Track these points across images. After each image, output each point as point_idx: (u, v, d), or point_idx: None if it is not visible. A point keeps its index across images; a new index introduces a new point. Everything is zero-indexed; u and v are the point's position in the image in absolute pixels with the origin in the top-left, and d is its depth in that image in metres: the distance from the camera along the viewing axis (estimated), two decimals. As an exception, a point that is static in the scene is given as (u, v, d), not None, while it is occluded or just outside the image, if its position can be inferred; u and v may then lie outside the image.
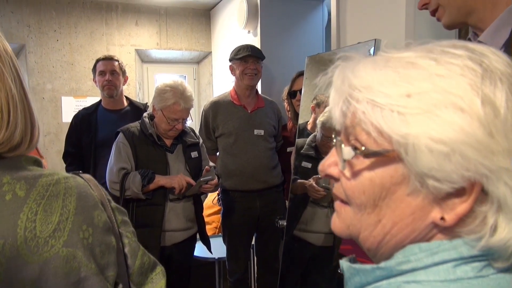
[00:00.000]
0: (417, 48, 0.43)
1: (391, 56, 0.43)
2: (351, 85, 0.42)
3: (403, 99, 0.39)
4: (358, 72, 0.42)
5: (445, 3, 0.99)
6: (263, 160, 2.45)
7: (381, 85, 0.40)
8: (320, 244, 2.22)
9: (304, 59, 3.03)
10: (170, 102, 1.95)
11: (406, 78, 0.40)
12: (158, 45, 4.12)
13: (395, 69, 0.41)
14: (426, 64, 0.40)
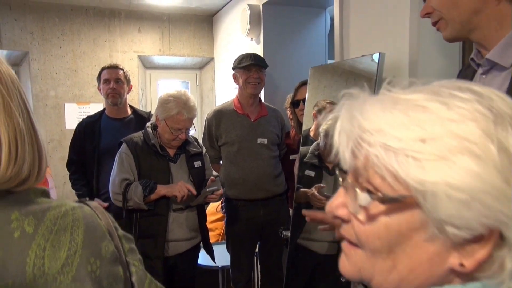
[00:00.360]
0: (423, 89, 0.43)
1: (397, 96, 0.43)
2: (361, 127, 0.41)
3: (417, 144, 0.39)
4: (366, 113, 0.42)
5: (447, 17, 0.98)
6: (266, 169, 2.45)
7: (393, 129, 0.40)
8: (324, 252, 2.21)
9: (307, 67, 3.02)
10: (173, 112, 1.95)
11: (418, 122, 0.39)
12: (160, 51, 4.13)
13: (405, 112, 0.40)
14: (436, 108, 0.40)
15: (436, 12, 1.00)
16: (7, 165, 0.51)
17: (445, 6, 0.98)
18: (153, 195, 1.91)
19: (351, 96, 0.46)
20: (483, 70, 1.00)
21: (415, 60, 1.43)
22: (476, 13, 0.95)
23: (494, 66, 0.96)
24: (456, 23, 0.98)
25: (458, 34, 1.01)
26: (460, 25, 0.98)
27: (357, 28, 1.83)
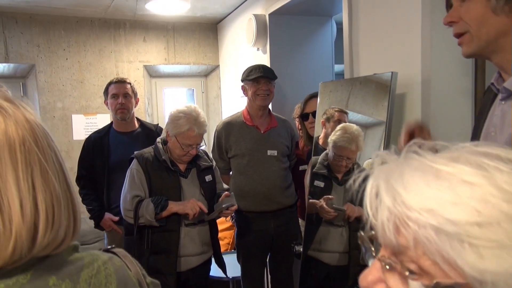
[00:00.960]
0: (461, 158, 0.41)
1: (437, 168, 0.41)
2: (406, 205, 0.40)
3: (473, 228, 0.37)
4: (409, 187, 0.40)
5: (475, 33, 0.96)
6: (276, 181, 2.44)
7: (444, 209, 0.38)
8: (334, 263, 2.20)
9: (314, 75, 3.03)
10: (184, 128, 1.95)
11: (470, 202, 0.38)
12: (166, 61, 4.14)
13: (452, 189, 0.39)
14: (484, 186, 0.38)
15: (463, 24, 0.98)
16: (44, 232, 0.51)
17: (475, 21, 0.96)
18: (165, 212, 1.92)
19: (383, 159, 0.45)
20: (502, 97, 1.00)
21: (427, 78, 1.42)
22: (504, 35, 0.94)
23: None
24: (482, 40, 0.96)
25: (481, 52, 1.00)
26: (485, 43, 0.97)
27: (368, 45, 1.82)
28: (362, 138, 1.98)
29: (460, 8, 0.98)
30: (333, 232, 2.19)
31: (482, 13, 0.94)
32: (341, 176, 2.12)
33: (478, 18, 0.95)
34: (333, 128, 2.11)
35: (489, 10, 0.94)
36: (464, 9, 0.97)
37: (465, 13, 0.97)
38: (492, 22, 0.94)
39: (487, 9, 0.94)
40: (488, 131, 1.03)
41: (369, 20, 1.79)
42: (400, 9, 1.56)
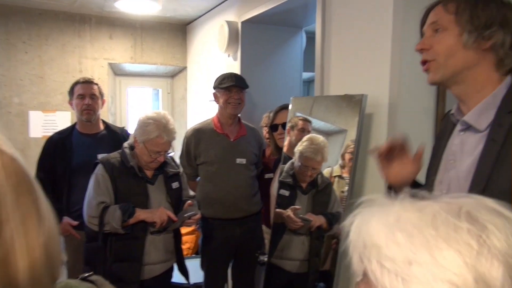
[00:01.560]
0: (426, 208, 0.47)
1: (400, 215, 0.48)
2: (364, 243, 0.48)
3: (406, 266, 0.44)
4: (371, 228, 0.48)
5: (443, 61, 1.03)
6: (244, 189, 2.46)
7: (388, 248, 0.45)
8: (295, 271, 2.25)
9: (283, 85, 3.08)
10: (153, 135, 1.92)
11: (410, 245, 0.44)
12: (132, 59, 4.05)
13: (403, 231, 0.46)
14: (429, 233, 0.44)
15: (433, 53, 1.04)
16: None
17: (445, 52, 1.02)
18: (132, 219, 1.88)
19: (368, 203, 0.51)
20: (461, 128, 1.07)
21: (394, 102, 1.50)
22: (468, 69, 1.01)
23: (470, 127, 1.03)
24: (448, 70, 1.03)
25: (444, 81, 1.06)
26: (451, 74, 1.03)
27: (339, 66, 1.88)
28: (327, 149, 2.04)
29: (433, 37, 1.05)
30: (296, 240, 2.24)
31: (453, 46, 1.01)
32: (306, 185, 2.18)
33: (448, 49, 1.02)
34: (296, 136, 2.16)
35: (460, 44, 1.00)
36: (437, 39, 1.04)
37: (437, 43, 1.03)
38: (460, 55, 1.01)
39: (458, 42, 1.00)
40: (448, 158, 1.10)
41: (342, 41, 1.85)
42: (371, 32, 1.63)
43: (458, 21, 1.00)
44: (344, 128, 1.82)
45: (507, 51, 0.99)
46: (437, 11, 1.05)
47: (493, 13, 0.98)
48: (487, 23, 0.98)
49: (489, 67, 1.01)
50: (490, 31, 0.98)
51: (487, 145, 0.97)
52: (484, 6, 0.99)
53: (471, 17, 0.99)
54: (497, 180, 0.94)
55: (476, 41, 0.99)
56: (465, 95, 1.04)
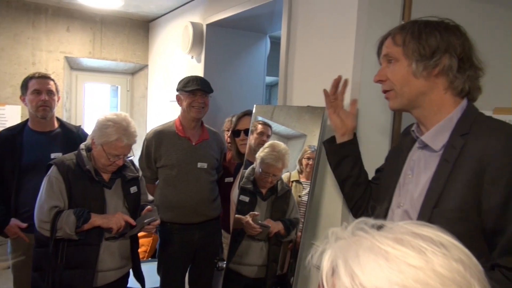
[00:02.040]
0: (405, 240, 0.49)
1: (385, 249, 0.48)
2: (364, 286, 0.47)
3: None
4: (365, 269, 0.47)
5: (399, 91, 1.10)
6: (204, 194, 2.44)
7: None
8: (253, 276, 2.27)
9: (246, 89, 3.10)
10: (112, 138, 1.86)
11: (414, 285, 0.45)
12: (91, 54, 3.90)
13: (400, 271, 0.46)
14: (425, 270, 0.46)
15: (389, 83, 1.12)
16: None
17: (399, 82, 1.09)
18: (87, 225, 1.81)
19: (338, 236, 0.51)
20: (419, 146, 1.13)
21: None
22: (422, 95, 1.08)
23: (427, 146, 1.10)
24: (405, 98, 1.10)
25: (403, 107, 1.14)
26: (407, 101, 1.10)
27: (302, 76, 1.92)
28: (288, 156, 2.07)
29: (387, 68, 1.12)
30: (254, 246, 2.25)
31: (405, 75, 1.08)
32: (266, 191, 2.20)
33: (401, 79, 1.09)
34: (256, 139, 2.18)
35: (410, 73, 1.07)
36: (390, 70, 1.11)
37: (391, 74, 1.11)
38: (412, 83, 1.08)
39: (408, 72, 1.08)
40: (406, 173, 1.16)
41: (307, 51, 1.88)
42: (335, 46, 1.67)
43: (405, 53, 1.07)
44: (303, 133, 1.85)
45: (456, 74, 1.06)
46: (387, 44, 1.13)
47: (437, 40, 1.05)
48: (433, 51, 1.05)
49: (441, 90, 1.07)
50: (436, 59, 1.04)
51: (440, 165, 1.04)
52: (427, 36, 1.05)
53: (417, 48, 1.05)
54: (447, 198, 1.00)
55: (425, 69, 1.06)
56: (424, 117, 1.11)
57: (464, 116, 1.05)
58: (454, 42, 1.05)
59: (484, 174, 0.94)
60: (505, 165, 0.93)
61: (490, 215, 0.94)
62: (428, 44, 1.05)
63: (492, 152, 0.94)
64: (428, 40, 1.05)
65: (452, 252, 0.48)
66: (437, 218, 1.00)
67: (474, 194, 0.96)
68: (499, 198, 0.93)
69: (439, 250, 0.48)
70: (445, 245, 0.49)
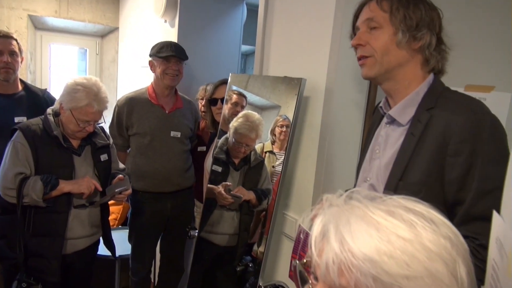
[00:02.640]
0: (397, 213, 0.50)
1: (377, 220, 0.50)
2: (352, 253, 0.48)
3: (403, 280, 0.46)
4: (355, 236, 0.48)
5: (379, 58, 1.08)
6: (177, 163, 2.42)
7: (383, 262, 0.47)
8: (224, 244, 2.30)
9: (221, 56, 3.03)
10: (82, 103, 1.78)
11: (404, 257, 0.47)
12: (56, 13, 3.68)
13: (389, 242, 0.47)
14: (414, 243, 0.48)
15: (370, 49, 1.09)
16: None
17: (381, 49, 1.07)
18: (55, 191, 1.76)
19: (331, 202, 0.53)
20: (387, 121, 1.15)
21: (331, 87, 1.55)
22: (399, 66, 1.08)
23: (395, 120, 1.11)
24: (383, 67, 1.08)
25: (377, 77, 1.12)
26: (384, 70, 1.09)
27: (279, 47, 1.88)
28: (262, 126, 2.06)
29: (369, 34, 1.09)
30: (226, 215, 2.27)
31: (388, 44, 1.06)
32: (238, 161, 2.20)
33: (384, 47, 1.07)
34: (230, 109, 2.16)
35: (394, 43, 1.06)
36: (373, 36, 1.08)
37: (374, 40, 1.08)
38: (394, 53, 1.07)
39: (392, 41, 1.06)
40: (374, 148, 1.18)
41: (284, 21, 1.84)
42: (313, 19, 1.64)
43: (392, 20, 1.05)
44: (278, 104, 1.84)
45: (432, 52, 1.06)
46: (372, 8, 1.09)
47: (423, 15, 1.04)
48: (418, 25, 1.04)
49: (417, 65, 1.08)
50: (421, 33, 1.04)
51: (407, 138, 1.05)
52: (414, 8, 1.05)
53: (405, 17, 1.04)
54: (411, 171, 1.02)
55: (409, 41, 1.05)
56: (394, 91, 1.11)
57: (431, 91, 1.06)
58: (435, 19, 1.05)
59: (447, 147, 0.97)
60: (467, 138, 0.95)
61: (451, 186, 0.97)
62: (415, 16, 1.04)
63: (455, 126, 0.96)
64: (415, 12, 1.04)
65: (441, 229, 0.50)
66: (401, 190, 1.02)
67: (438, 167, 0.98)
68: (460, 170, 0.95)
69: (429, 226, 0.50)
70: (435, 222, 0.51)
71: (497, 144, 0.95)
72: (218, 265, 2.41)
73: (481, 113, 0.97)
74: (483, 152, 0.94)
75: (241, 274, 2.16)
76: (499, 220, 0.48)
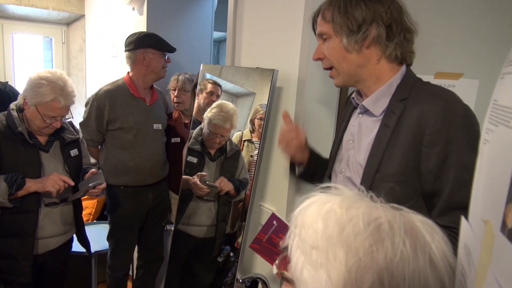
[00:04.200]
0: (353, 209, 0.53)
1: (333, 208, 0.54)
2: (296, 223, 0.56)
3: (310, 249, 0.52)
4: (307, 211, 0.55)
5: (338, 68, 1.11)
6: (160, 156, 2.40)
7: (306, 231, 0.53)
8: (202, 236, 2.29)
9: (192, 46, 2.96)
10: (47, 98, 1.71)
11: (322, 234, 0.52)
12: (17, 1, 3.50)
13: (323, 221, 0.53)
14: (338, 232, 0.51)
15: (327, 60, 1.12)
16: None
17: (336, 58, 1.10)
18: (22, 191, 1.69)
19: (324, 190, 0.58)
20: (359, 111, 1.15)
21: (303, 78, 1.54)
22: (360, 67, 1.09)
23: (368, 111, 1.12)
24: (345, 74, 1.11)
25: (346, 83, 1.15)
26: (348, 76, 1.11)
27: (251, 37, 1.85)
28: (236, 117, 2.04)
29: (324, 46, 1.11)
30: (203, 206, 2.25)
31: (339, 52, 1.08)
32: (214, 152, 2.18)
33: (337, 55, 1.09)
34: (205, 99, 2.13)
35: (343, 49, 1.07)
36: (326, 47, 1.11)
37: (327, 51, 1.11)
38: (348, 58, 1.08)
39: (341, 48, 1.08)
40: (347, 139, 1.19)
41: (254, 13, 1.81)
42: (284, 10, 1.62)
43: (335, 29, 1.07)
44: (252, 92, 1.83)
45: (386, 42, 1.06)
46: (319, 21, 1.12)
47: (363, 12, 1.04)
48: (359, 24, 1.05)
49: (376, 60, 1.08)
50: (364, 31, 1.05)
51: (381, 130, 1.06)
52: (353, 9, 1.05)
53: (345, 23, 1.05)
54: (388, 163, 1.03)
55: (356, 43, 1.06)
56: (366, 88, 1.13)
57: (403, 82, 1.07)
58: (379, 10, 1.05)
59: (422, 138, 0.97)
60: (441, 129, 0.96)
61: (428, 177, 0.98)
62: (355, 17, 1.04)
63: (429, 117, 0.97)
64: (354, 13, 1.04)
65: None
66: (378, 183, 1.03)
67: (414, 157, 0.99)
68: (436, 160, 0.96)
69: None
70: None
71: (470, 132, 0.96)
72: (197, 256, 2.40)
73: (453, 103, 0.99)
74: (458, 142, 0.95)
75: (224, 264, 2.16)
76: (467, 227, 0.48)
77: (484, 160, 0.43)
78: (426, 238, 0.50)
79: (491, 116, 0.42)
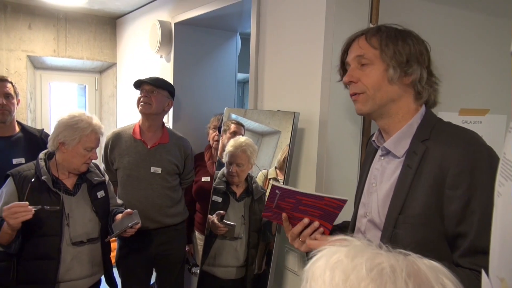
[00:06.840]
0: (358, 258, 0.54)
1: (340, 258, 0.55)
2: (307, 275, 0.57)
3: None
4: (317, 263, 0.56)
5: (371, 94, 1.08)
6: (155, 200, 2.34)
7: (315, 282, 0.54)
8: (229, 277, 2.25)
9: (217, 87, 3.05)
10: (87, 131, 1.84)
11: (329, 285, 0.53)
12: (55, 52, 3.75)
13: (331, 272, 0.54)
14: (347, 283, 0.52)
15: (361, 86, 1.09)
16: None
17: (373, 86, 1.07)
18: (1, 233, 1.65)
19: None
20: (381, 153, 1.14)
21: (324, 120, 1.55)
22: (392, 101, 1.08)
23: (390, 152, 1.10)
24: (376, 103, 1.08)
25: (372, 113, 1.12)
26: (378, 106, 1.09)
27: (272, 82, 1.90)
28: (251, 147, 2.02)
29: (360, 71, 1.09)
30: (228, 246, 2.22)
31: (380, 80, 1.07)
32: (240, 192, 2.17)
33: (375, 83, 1.07)
34: (229, 139, 2.15)
35: (385, 79, 1.06)
36: (365, 73, 1.08)
37: (365, 77, 1.08)
38: (386, 89, 1.07)
39: (384, 78, 1.06)
40: (370, 182, 1.17)
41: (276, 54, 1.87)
42: (303, 50, 1.66)
43: (383, 57, 1.06)
44: (278, 130, 1.83)
45: (424, 86, 1.07)
46: (362, 44, 1.10)
47: (412, 49, 1.05)
48: (408, 60, 1.05)
49: (409, 99, 1.08)
50: (412, 68, 1.05)
51: (403, 171, 1.04)
52: (403, 43, 1.05)
53: (395, 53, 1.05)
54: (411, 204, 1.01)
55: (400, 76, 1.05)
56: (388, 125, 1.11)
57: (424, 122, 1.06)
58: (423, 52, 1.06)
59: (444, 179, 0.96)
60: (464, 171, 0.94)
61: (451, 219, 0.96)
62: (405, 51, 1.04)
63: (451, 159, 0.95)
64: (404, 47, 1.05)
65: None
66: (401, 224, 1.01)
67: (436, 199, 0.97)
68: (459, 203, 0.94)
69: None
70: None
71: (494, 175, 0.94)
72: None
73: (476, 145, 0.97)
74: (482, 184, 0.93)
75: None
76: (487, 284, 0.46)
77: (498, 214, 0.42)
78: (431, 281, 0.49)
79: (501, 169, 0.42)
